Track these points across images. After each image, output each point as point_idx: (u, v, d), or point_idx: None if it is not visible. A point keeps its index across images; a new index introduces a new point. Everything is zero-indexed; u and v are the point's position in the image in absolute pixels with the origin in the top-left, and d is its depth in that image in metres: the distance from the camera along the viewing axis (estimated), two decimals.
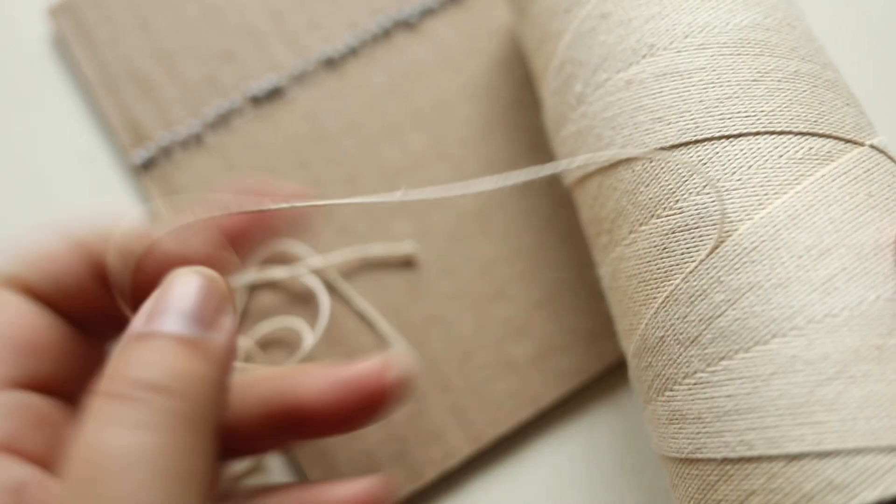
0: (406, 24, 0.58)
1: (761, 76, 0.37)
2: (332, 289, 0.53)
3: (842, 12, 0.58)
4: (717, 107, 0.36)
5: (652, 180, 0.37)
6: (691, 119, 0.36)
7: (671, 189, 0.36)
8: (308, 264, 0.53)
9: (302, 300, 0.53)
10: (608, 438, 0.50)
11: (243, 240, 0.36)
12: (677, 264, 0.36)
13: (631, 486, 0.49)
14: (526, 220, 0.54)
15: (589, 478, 0.49)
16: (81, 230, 0.35)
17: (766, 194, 0.34)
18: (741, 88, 0.36)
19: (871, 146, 0.36)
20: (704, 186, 0.35)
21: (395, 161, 0.55)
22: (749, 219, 0.34)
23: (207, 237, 0.35)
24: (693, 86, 0.37)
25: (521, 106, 0.56)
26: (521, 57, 0.57)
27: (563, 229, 0.53)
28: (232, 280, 0.33)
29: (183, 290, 0.31)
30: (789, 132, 0.35)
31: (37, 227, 0.35)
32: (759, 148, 0.35)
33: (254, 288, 0.53)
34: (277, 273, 0.53)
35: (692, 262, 0.35)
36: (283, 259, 0.53)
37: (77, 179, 0.57)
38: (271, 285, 0.53)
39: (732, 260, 0.34)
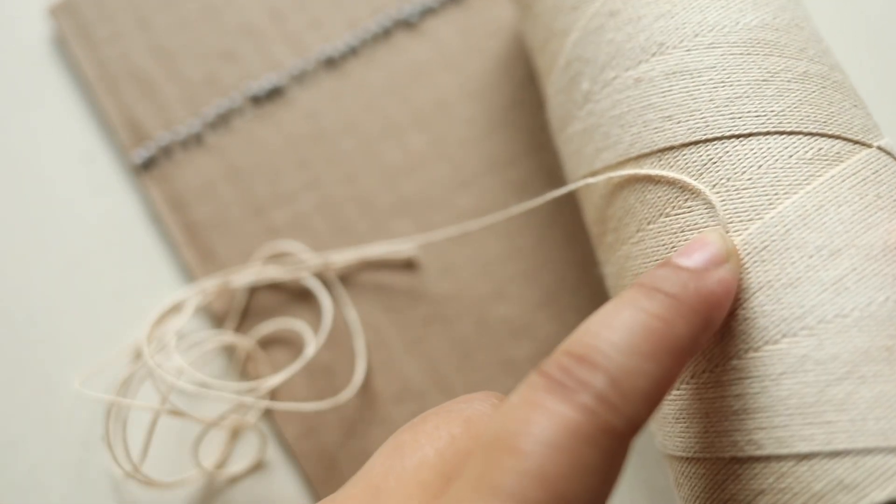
0: (406, 24, 0.58)
1: (771, 76, 0.37)
2: (331, 289, 0.53)
3: (842, 12, 0.58)
4: (727, 106, 0.36)
5: (662, 179, 0.37)
6: (701, 118, 0.36)
7: (681, 188, 0.36)
8: (308, 265, 0.52)
9: (302, 300, 0.53)
10: None
11: None
12: None
13: (631, 486, 0.49)
14: (526, 219, 0.54)
15: None
16: None
17: (776, 194, 0.34)
18: (751, 88, 0.36)
19: (879, 147, 0.36)
20: (714, 186, 0.35)
21: (395, 161, 0.55)
22: (759, 218, 0.34)
23: None
24: (703, 85, 0.37)
25: (522, 106, 0.56)
26: (524, 55, 0.57)
27: (563, 229, 0.53)
28: None
29: None
30: (799, 132, 0.35)
31: None
32: (769, 148, 0.35)
33: (254, 288, 0.53)
34: (277, 273, 0.53)
35: None
36: (284, 259, 0.53)
37: (77, 179, 0.56)
38: (272, 285, 0.53)
39: (742, 259, 0.34)
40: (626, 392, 0.29)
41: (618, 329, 0.30)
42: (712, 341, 0.34)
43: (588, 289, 0.52)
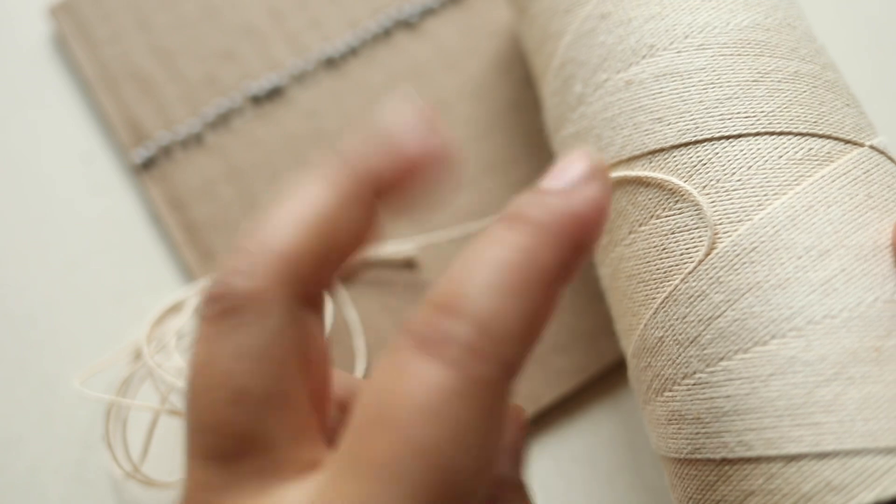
0: (406, 24, 0.58)
1: (761, 77, 0.37)
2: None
3: (842, 12, 0.58)
4: (716, 107, 0.36)
5: (651, 181, 0.37)
6: (691, 119, 0.36)
7: (671, 190, 0.36)
8: None
9: None
10: (608, 438, 0.50)
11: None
12: (676, 265, 0.36)
13: (631, 486, 0.49)
14: None
15: (589, 477, 0.49)
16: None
17: (765, 195, 0.34)
18: (741, 89, 0.36)
19: (871, 147, 0.36)
20: (704, 188, 0.35)
21: None
22: (748, 219, 0.34)
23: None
24: (693, 86, 0.37)
25: (521, 106, 0.56)
26: (522, 57, 0.57)
27: None
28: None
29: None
30: (789, 133, 0.35)
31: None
32: (758, 149, 0.35)
33: None
34: None
35: (691, 262, 0.35)
36: None
37: (77, 179, 0.56)
38: None
39: (732, 260, 0.34)
40: (494, 335, 0.27)
41: (479, 269, 0.28)
42: (702, 344, 0.34)
43: (588, 289, 0.52)
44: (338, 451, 0.27)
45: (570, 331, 0.51)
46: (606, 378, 0.51)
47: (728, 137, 0.36)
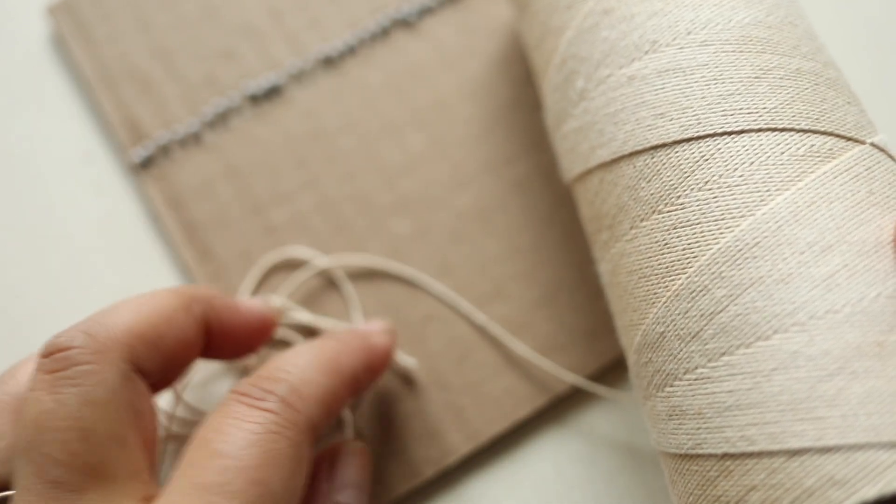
0: (405, 24, 0.58)
1: (763, 73, 0.37)
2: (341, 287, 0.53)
3: (841, 12, 0.58)
4: (719, 103, 0.36)
5: (654, 176, 0.37)
6: (693, 115, 0.37)
7: (673, 185, 0.36)
8: (315, 265, 0.53)
9: (306, 303, 0.53)
10: (607, 437, 0.50)
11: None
12: (679, 260, 0.36)
13: (630, 485, 0.49)
14: (525, 219, 0.54)
15: (588, 477, 0.49)
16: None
17: (768, 191, 0.34)
18: (743, 85, 0.37)
19: (872, 144, 0.36)
20: (706, 183, 0.36)
21: (394, 160, 0.55)
22: (751, 215, 0.34)
23: None
24: (695, 82, 0.37)
25: (520, 105, 0.56)
26: (521, 55, 0.57)
27: (562, 228, 0.53)
28: None
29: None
30: (791, 129, 0.36)
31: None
32: (761, 145, 0.35)
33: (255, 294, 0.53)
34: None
35: (694, 257, 0.35)
36: (292, 264, 0.53)
37: (77, 179, 0.56)
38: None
39: (734, 255, 0.34)
40: (302, 396, 0.38)
41: (296, 356, 0.40)
42: (704, 339, 0.35)
43: (586, 287, 0.52)
44: (171, 480, 0.35)
45: (569, 330, 0.51)
46: (605, 376, 0.51)
47: (730, 133, 0.36)
